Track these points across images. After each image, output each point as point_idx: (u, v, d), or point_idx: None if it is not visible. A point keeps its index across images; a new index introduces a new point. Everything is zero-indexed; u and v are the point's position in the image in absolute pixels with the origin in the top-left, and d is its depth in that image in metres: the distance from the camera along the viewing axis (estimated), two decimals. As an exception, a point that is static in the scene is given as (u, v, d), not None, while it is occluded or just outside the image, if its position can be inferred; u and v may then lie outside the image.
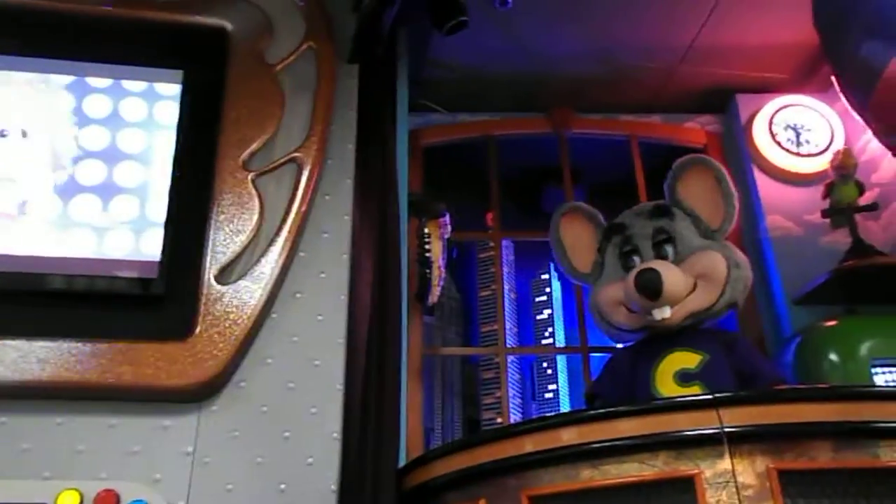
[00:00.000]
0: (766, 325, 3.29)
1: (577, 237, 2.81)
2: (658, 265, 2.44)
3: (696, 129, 3.72)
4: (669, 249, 2.52)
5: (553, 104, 3.66)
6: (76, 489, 2.20)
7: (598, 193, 3.71)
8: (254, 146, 2.69)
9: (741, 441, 1.76)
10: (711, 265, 2.44)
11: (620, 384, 2.46)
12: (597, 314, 2.65)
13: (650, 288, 2.37)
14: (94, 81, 2.78)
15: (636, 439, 1.84)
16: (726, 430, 1.77)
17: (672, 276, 2.40)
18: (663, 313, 2.41)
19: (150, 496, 2.23)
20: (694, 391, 2.23)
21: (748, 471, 1.74)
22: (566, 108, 3.66)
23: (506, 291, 3.50)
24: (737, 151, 3.58)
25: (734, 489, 1.72)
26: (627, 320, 2.53)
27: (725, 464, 1.75)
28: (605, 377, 2.59)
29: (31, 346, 2.30)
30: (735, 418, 1.79)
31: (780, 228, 3.35)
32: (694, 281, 2.44)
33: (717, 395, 1.86)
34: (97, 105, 2.76)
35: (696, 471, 1.76)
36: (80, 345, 2.32)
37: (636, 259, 2.56)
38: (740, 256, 2.53)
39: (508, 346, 3.45)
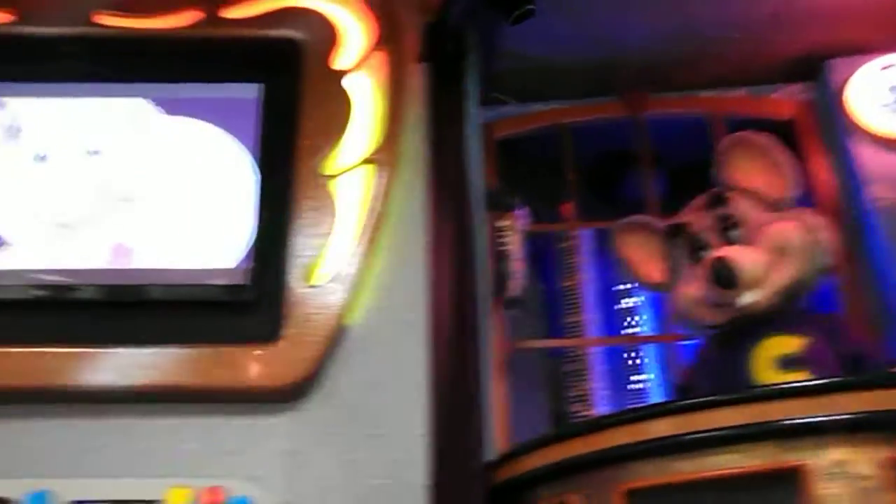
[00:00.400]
0: (873, 304, 3.08)
1: (640, 250, 2.77)
2: (727, 252, 2.34)
3: (784, 100, 3.52)
4: (737, 233, 2.43)
5: (627, 87, 3.56)
6: (186, 486, 2.32)
7: (681, 176, 3.58)
8: (330, 151, 2.76)
9: (855, 429, 1.66)
10: (784, 236, 2.33)
11: (714, 373, 2.36)
12: (684, 319, 2.57)
13: (725, 277, 2.28)
14: (174, 101, 2.91)
15: (737, 429, 1.76)
16: (838, 417, 1.67)
17: (745, 259, 2.30)
18: (749, 298, 2.31)
19: (252, 493, 2.32)
20: (797, 377, 2.09)
21: (863, 461, 1.63)
22: (641, 89, 3.55)
23: (587, 281, 3.44)
24: (832, 119, 3.36)
25: (849, 481, 1.62)
26: (715, 316, 2.43)
27: (837, 454, 1.65)
28: (697, 366, 2.49)
29: (138, 354, 2.45)
30: (848, 405, 1.68)
31: (885, 198, 3.09)
32: (772, 257, 2.32)
33: (828, 380, 1.78)
34: (178, 123, 2.88)
35: (803, 462, 1.67)
36: (180, 350, 2.45)
37: (705, 253, 2.46)
38: (813, 219, 2.42)
39: (592, 336, 3.39)
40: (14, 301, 2.61)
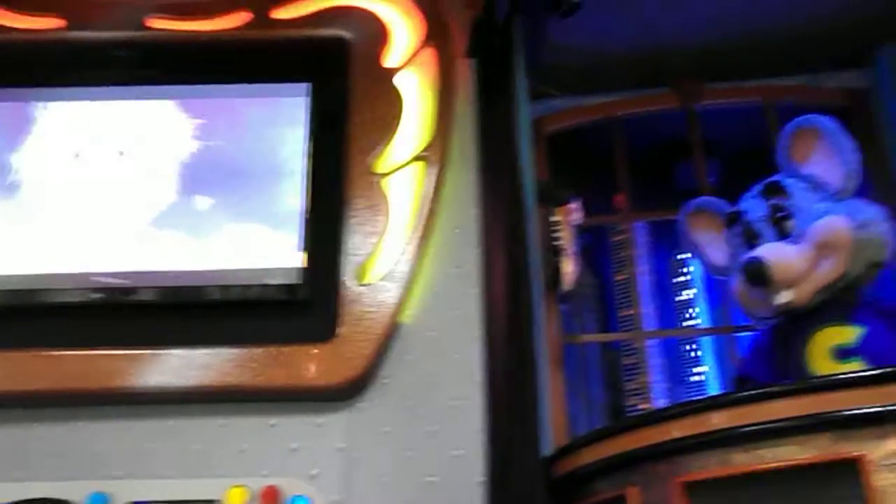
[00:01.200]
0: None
1: (707, 233, 2.73)
2: (765, 251, 2.31)
3: (837, 87, 3.41)
4: (790, 225, 2.36)
5: (679, 77, 3.49)
6: (243, 486, 2.36)
7: (734, 165, 3.49)
8: (380, 149, 2.79)
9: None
10: (830, 233, 2.25)
11: (771, 364, 2.31)
12: (741, 305, 2.54)
13: (757, 278, 2.27)
14: (222, 101, 2.99)
15: (793, 421, 1.74)
16: (892, 407, 1.63)
17: (781, 259, 2.26)
18: (784, 298, 2.28)
19: (309, 491, 2.36)
20: (853, 367, 2.04)
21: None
22: (693, 79, 3.48)
23: (642, 274, 3.38)
24: (885, 107, 3.25)
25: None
26: (765, 309, 2.40)
27: (893, 444, 1.61)
28: (753, 357, 2.45)
29: (194, 354, 2.51)
30: (905, 394, 1.65)
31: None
32: (816, 253, 2.26)
33: (883, 370, 1.73)
34: (228, 123, 2.95)
35: (861, 452, 1.64)
36: (236, 350, 2.51)
37: (758, 243, 2.41)
38: (869, 213, 2.30)
39: (648, 329, 3.33)
40: (72, 304, 2.70)
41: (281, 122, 2.94)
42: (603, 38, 3.33)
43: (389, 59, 2.94)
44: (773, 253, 2.30)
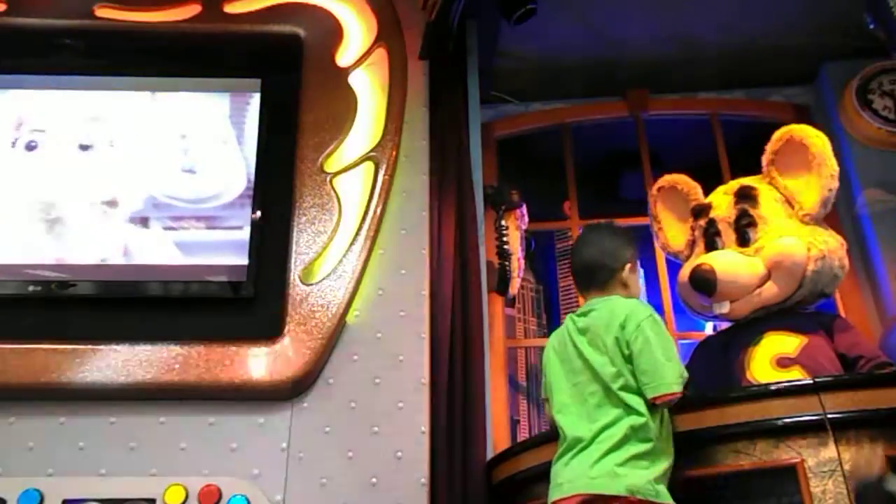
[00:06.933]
0: (869, 305, 3.09)
1: (673, 210, 2.68)
2: (718, 259, 2.32)
3: (782, 102, 3.54)
4: (751, 235, 2.36)
5: (628, 87, 3.57)
6: (181, 485, 2.31)
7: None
8: (331, 148, 2.77)
9: (846, 427, 1.69)
10: (788, 256, 2.24)
11: (712, 371, 2.35)
12: (680, 297, 2.57)
13: (702, 285, 2.29)
14: (175, 94, 2.92)
15: (731, 427, 1.78)
16: (830, 416, 1.69)
17: (732, 271, 2.27)
18: (721, 308, 2.32)
19: (249, 491, 2.32)
20: (793, 376, 2.07)
21: (856, 458, 1.66)
22: (642, 89, 3.56)
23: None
24: (828, 123, 3.37)
25: (841, 478, 1.64)
26: (702, 309, 2.45)
27: (830, 451, 1.68)
28: (694, 364, 2.48)
29: (135, 350, 2.45)
30: (839, 403, 1.71)
31: (880, 202, 3.11)
32: (767, 272, 2.28)
33: (819, 379, 1.79)
34: (178, 117, 2.89)
35: (797, 459, 1.69)
36: (178, 347, 2.45)
37: (719, 242, 2.46)
38: (831, 245, 2.29)
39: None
40: (9, 297, 2.61)
41: (231, 117, 2.88)
42: (554, 46, 3.39)
43: (343, 58, 2.92)
44: (724, 264, 2.31)
